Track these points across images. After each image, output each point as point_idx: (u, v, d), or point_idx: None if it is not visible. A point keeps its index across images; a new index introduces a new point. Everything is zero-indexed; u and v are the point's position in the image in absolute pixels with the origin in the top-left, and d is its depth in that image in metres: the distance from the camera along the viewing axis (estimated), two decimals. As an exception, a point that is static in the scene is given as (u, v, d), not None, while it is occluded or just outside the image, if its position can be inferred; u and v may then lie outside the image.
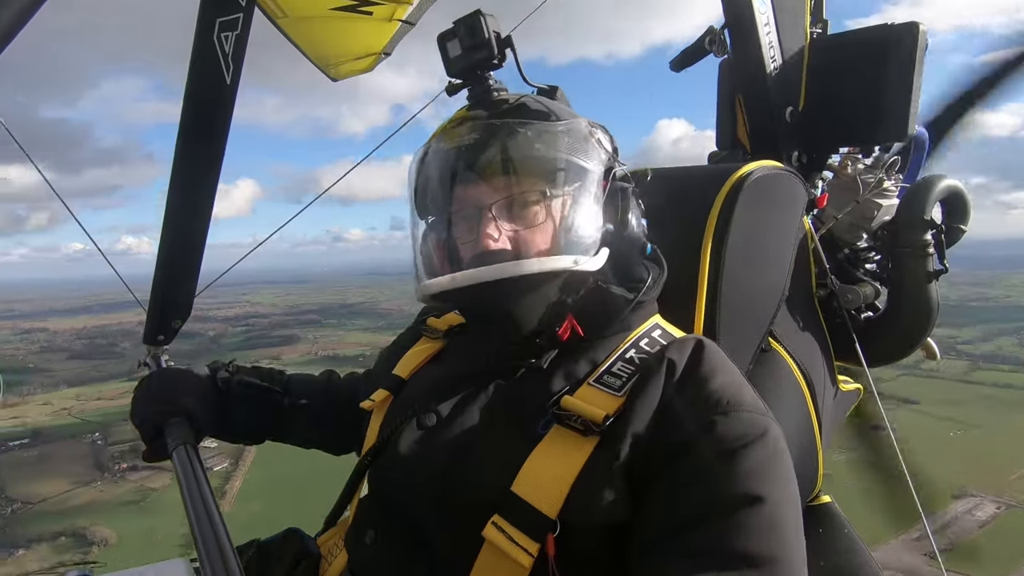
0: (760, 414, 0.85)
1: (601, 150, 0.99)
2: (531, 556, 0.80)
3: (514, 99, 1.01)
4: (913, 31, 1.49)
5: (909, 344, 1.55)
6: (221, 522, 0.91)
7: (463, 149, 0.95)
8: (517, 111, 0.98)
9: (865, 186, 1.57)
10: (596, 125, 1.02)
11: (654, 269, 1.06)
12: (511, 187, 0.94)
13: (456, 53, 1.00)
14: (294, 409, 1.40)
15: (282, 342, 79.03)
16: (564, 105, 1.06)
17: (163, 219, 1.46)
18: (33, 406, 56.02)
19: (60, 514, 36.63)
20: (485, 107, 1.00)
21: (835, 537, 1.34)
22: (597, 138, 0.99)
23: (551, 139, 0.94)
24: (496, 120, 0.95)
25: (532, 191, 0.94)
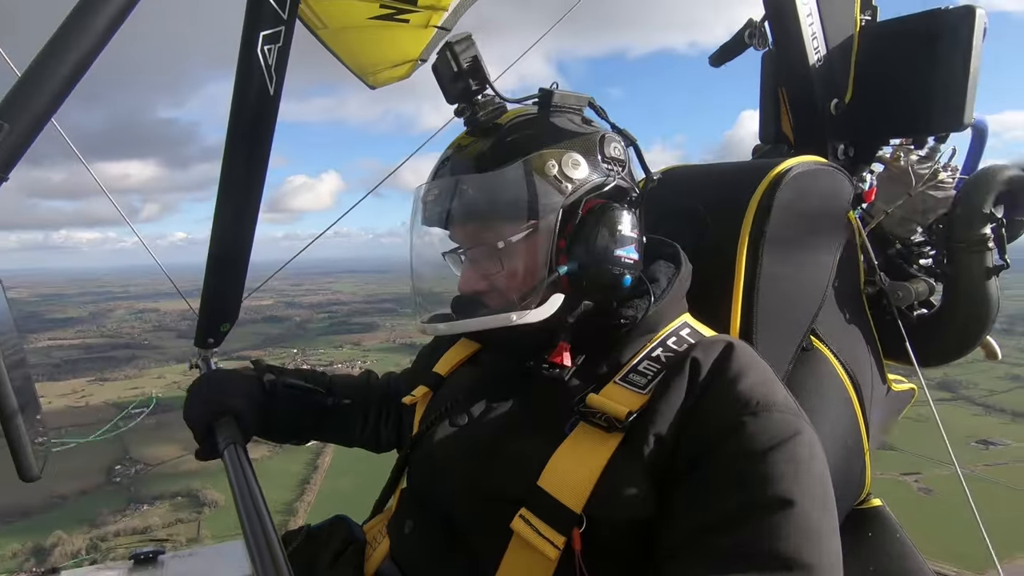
0: (792, 415, 0.84)
1: (565, 182, 0.94)
2: (557, 549, 0.81)
3: (501, 119, 1.02)
4: (970, 15, 1.42)
5: (966, 343, 1.48)
6: (268, 516, 0.95)
7: (432, 202, 1.01)
8: (478, 157, 0.98)
9: (918, 178, 1.50)
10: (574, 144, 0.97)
11: (669, 270, 1.06)
12: (472, 237, 1.01)
13: (445, 83, 1.02)
14: (337, 409, 1.46)
15: (362, 329, 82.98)
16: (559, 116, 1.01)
17: (211, 228, 1.53)
18: (148, 379, 62.24)
19: (176, 476, 40.54)
20: (472, 132, 1.04)
21: (885, 541, 1.30)
22: (555, 173, 0.93)
23: (492, 191, 0.95)
24: (448, 176, 1.00)
25: (482, 242, 0.98)
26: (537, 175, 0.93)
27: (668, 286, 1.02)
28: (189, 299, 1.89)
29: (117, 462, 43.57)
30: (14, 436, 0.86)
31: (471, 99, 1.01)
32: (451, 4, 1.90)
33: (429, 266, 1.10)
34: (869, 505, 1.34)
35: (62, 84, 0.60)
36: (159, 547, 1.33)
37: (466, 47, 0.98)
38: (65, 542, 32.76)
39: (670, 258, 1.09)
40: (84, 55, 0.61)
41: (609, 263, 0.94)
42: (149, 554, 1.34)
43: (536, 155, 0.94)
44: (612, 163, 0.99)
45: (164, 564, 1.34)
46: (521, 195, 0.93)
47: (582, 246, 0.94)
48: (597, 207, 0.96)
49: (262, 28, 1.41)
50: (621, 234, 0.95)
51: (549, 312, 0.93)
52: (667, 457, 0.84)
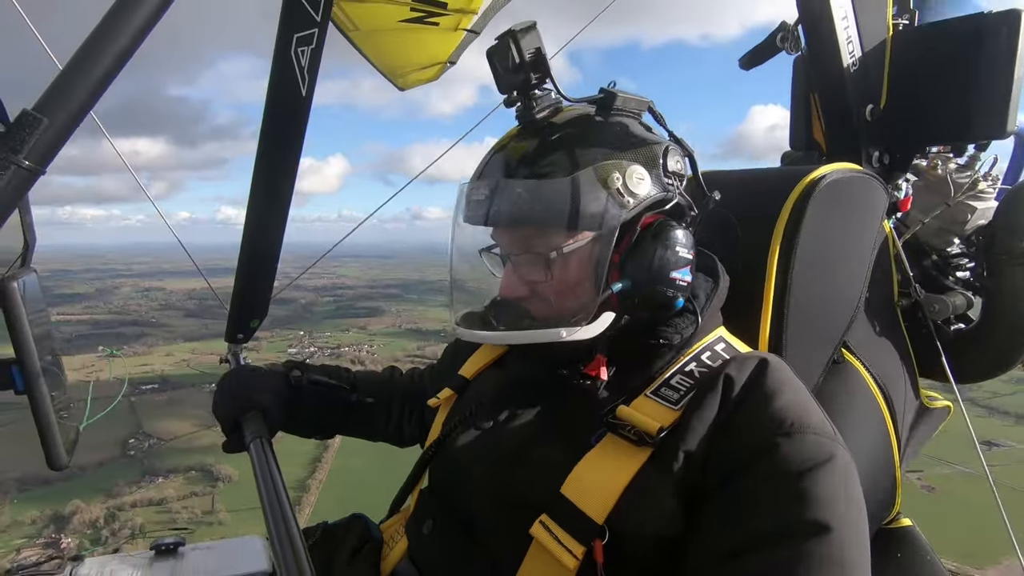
0: (828, 438, 0.81)
1: (627, 196, 0.89)
2: (576, 559, 0.80)
3: (559, 118, 0.97)
4: (1015, 18, 1.38)
5: (1006, 360, 1.42)
6: (291, 509, 0.97)
7: (475, 201, 0.95)
8: (536, 160, 0.93)
9: (957, 187, 1.46)
10: (638, 156, 0.92)
11: (707, 284, 1.03)
12: (521, 243, 0.95)
13: (499, 73, 0.97)
14: (361, 405, 1.47)
15: (368, 313, 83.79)
16: (620, 120, 0.96)
17: (243, 225, 1.56)
18: (157, 356, 63.82)
19: (190, 451, 41.75)
20: (527, 129, 0.98)
21: (914, 562, 1.25)
22: (618, 187, 0.88)
23: (550, 199, 0.89)
24: (501, 175, 0.94)
25: (531, 249, 0.94)
26: (600, 187, 0.88)
27: (707, 302, 1.00)
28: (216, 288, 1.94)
29: (131, 435, 44.80)
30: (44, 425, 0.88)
31: (528, 92, 0.96)
32: (481, 7, 1.91)
33: (469, 263, 1.06)
34: (899, 525, 1.30)
35: (100, 79, 0.62)
36: (179, 538, 1.37)
37: (530, 37, 0.92)
38: (83, 511, 33.96)
39: (708, 271, 1.06)
40: (123, 50, 0.62)
41: (663, 284, 0.91)
42: (170, 545, 1.38)
43: (601, 165, 0.89)
44: (673, 177, 0.94)
45: (184, 556, 1.38)
46: (581, 206, 0.88)
47: (637, 264, 0.90)
48: (656, 224, 0.92)
49: (296, 30, 1.44)
50: (678, 255, 0.91)
51: (600, 330, 0.90)
52: (697, 474, 0.82)
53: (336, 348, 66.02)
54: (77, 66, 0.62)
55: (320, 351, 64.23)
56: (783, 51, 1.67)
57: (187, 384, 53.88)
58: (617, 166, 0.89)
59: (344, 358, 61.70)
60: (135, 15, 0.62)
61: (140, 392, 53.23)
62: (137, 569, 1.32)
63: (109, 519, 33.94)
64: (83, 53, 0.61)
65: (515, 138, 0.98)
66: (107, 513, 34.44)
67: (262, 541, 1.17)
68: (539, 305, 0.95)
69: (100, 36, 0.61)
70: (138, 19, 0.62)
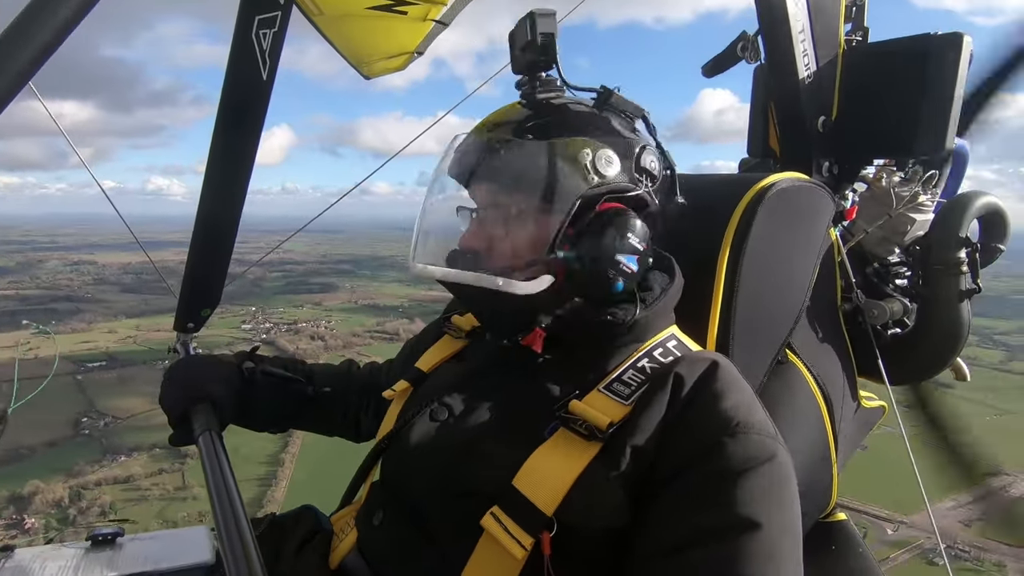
0: (769, 437, 0.85)
1: (593, 174, 0.94)
2: (524, 549, 0.82)
3: (555, 101, 1.02)
4: (957, 42, 1.45)
5: (937, 363, 1.50)
6: (241, 504, 0.96)
7: (463, 154, 1.02)
8: (520, 124, 0.99)
9: (899, 199, 1.53)
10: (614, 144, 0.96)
11: (662, 279, 1.06)
12: (489, 197, 1.01)
13: (516, 51, 1.03)
14: (317, 398, 1.45)
15: (321, 289, 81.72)
16: (610, 116, 1.02)
17: (196, 212, 1.51)
18: (98, 333, 60.42)
19: (150, 429, 39.36)
20: (528, 105, 1.04)
21: (848, 555, 1.32)
22: (587, 162, 0.94)
23: (522, 159, 0.96)
24: (490, 134, 1.01)
25: (497, 205, 1.00)
26: (568, 158, 0.94)
27: (661, 295, 1.03)
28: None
29: (83, 415, 42.74)
30: None
31: (534, 74, 1.02)
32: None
33: (440, 217, 1.09)
34: (834, 519, 1.36)
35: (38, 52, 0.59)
36: (118, 528, 1.31)
37: (546, 22, 0.98)
38: (44, 491, 32.54)
39: (665, 269, 1.09)
40: (63, 23, 0.60)
41: (607, 263, 0.94)
42: (108, 535, 1.33)
43: (574, 139, 0.95)
44: (644, 175, 0.99)
45: (122, 546, 1.32)
46: (547, 172, 0.94)
47: (588, 239, 0.94)
48: (614, 209, 0.96)
49: (258, 12, 1.40)
50: (627, 241, 0.95)
51: (534, 289, 0.93)
52: (645, 469, 0.84)
53: (293, 324, 64.28)
54: (12, 36, 0.59)
55: (276, 327, 62.59)
56: (743, 60, 1.72)
57: (137, 361, 51.55)
58: (590, 145, 0.94)
59: (303, 334, 60.27)
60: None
61: (87, 370, 50.86)
62: (71, 560, 1.26)
63: (75, 498, 32.81)
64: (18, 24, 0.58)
65: (509, 108, 1.04)
66: (72, 492, 33.21)
67: (207, 531, 1.13)
68: (491, 258, 0.99)
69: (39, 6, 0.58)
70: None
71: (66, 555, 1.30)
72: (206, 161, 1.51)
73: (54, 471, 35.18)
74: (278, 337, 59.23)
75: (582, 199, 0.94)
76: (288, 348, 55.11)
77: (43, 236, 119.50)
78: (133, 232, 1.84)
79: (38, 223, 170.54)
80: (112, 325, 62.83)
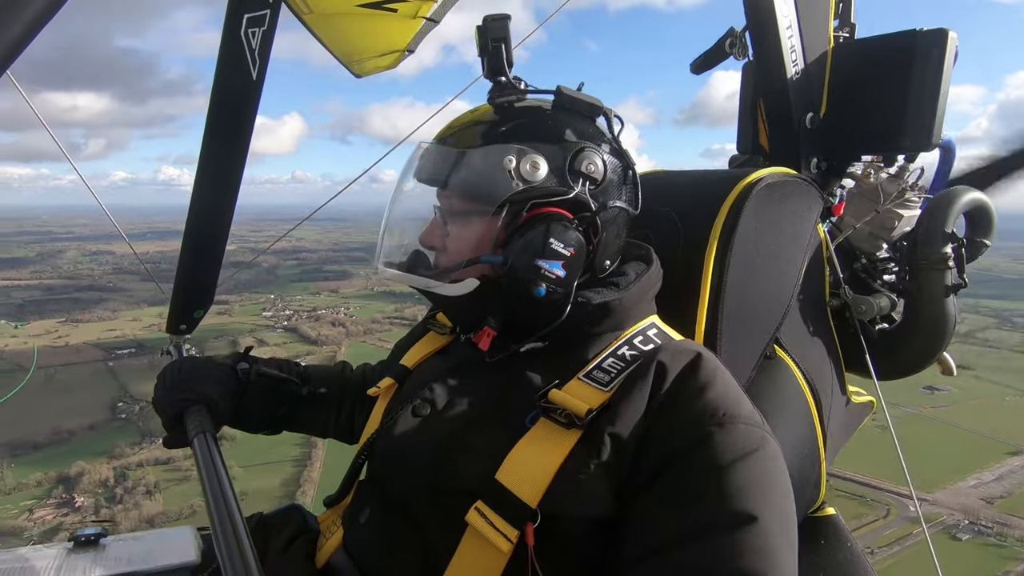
0: (757, 427, 0.85)
1: (516, 180, 0.95)
2: (510, 542, 0.82)
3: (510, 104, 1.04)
4: (942, 38, 1.46)
5: (924, 358, 1.51)
6: (237, 506, 0.95)
7: (417, 157, 1.08)
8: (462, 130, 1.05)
9: (887, 195, 1.53)
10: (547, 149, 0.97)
11: (638, 267, 1.06)
12: (440, 200, 1.07)
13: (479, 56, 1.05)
14: (312, 399, 1.45)
15: (336, 276, 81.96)
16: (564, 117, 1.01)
17: (187, 213, 1.50)
18: (123, 321, 61.28)
19: None
20: (493, 107, 1.06)
21: (837, 549, 1.32)
22: (511, 168, 0.95)
23: (456, 164, 1.00)
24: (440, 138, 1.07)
25: (442, 206, 1.06)
26: (494, 165, 0.96)
27: (636, 279, 1.03)
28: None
29: (118, 399, 44.10)
30: None
31: (495, 78, 1.04)
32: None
33: (401, 216, 1.14)
34: (823, 514, 1.37)
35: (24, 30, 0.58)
36: (102, 529, 1.30)
37: (497, 27, 1.01)
38: (90, 472, 34.47)
39: (642, 259, 1.09)
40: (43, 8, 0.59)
41: (525, 269, 0.94)
42: (91, 536, 1.31)
43: (502, 146, 0.97)
44: (580, 177, 0.97)
45: (106, 548, 1.30)
46: (475, 177, 0.98)
47: (513, 244, 0.96)
48: (542, 214, 0.96)
49: (246, 10, 1.39)
50: (550, 246, 0.94)
51: (456, 291, 0.98)
52: (629, 461, 0.84)
53: (313, 311, 64.60)
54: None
55: (296, 314, 63.13)
56: (731, 56, 1.72)
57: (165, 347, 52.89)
58: (516, 150, 0.96)
59: (324, 321, 60.89)
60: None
61: (117, 357, 51.74)
62: (52, 561, 1.25)
63: (120, 478, 34.28)
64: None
65: (475, 109, 1.08)
66: (116, 473, 34.70)
67: (192, 531, 1.12)
68: (437, 259, 1.07)
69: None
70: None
71: (48, 556, 1.28)
72: (197, 161, 1.50)
73: (97, 453, 36.49)
74: (300, 324, 59.95)
75: (508, 204, 0.96)
76: (311, 335, 56.21)
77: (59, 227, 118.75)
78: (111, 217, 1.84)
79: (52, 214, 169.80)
80: (136, 313, 63.24)
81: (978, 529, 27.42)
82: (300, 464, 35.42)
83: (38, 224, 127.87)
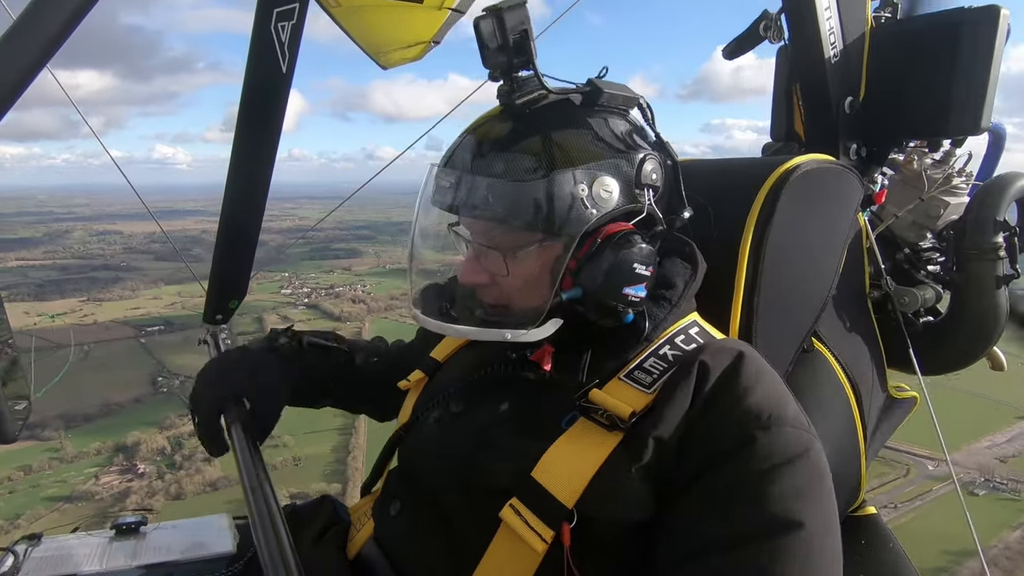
0: (803, 430, 0.82)
1: (592, 208, 0.88)
2: (545, 542, 0.80)
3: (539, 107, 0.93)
4: (992, 15, 1.38)
5: (971, 353, 1.45)
6: (275, 499, 0.97)
7: (443, 187, 0.95)
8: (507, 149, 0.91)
9: (931, 182, 1.47)
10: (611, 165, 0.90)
11: (686, 271, 1.03)
12: (484, 233, 0.96)
13: (485, 49, 0.92)
14: (364, 368, 1.40)
15: (348, 255, 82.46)
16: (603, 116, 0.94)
17: (222, 205, 1.53)
18: (144, 299, 62.76)
19: None
20: (505, 114, 0.97)
21: (878, 549, 1.28)
22: (583, 197, 0.88)
23: (516, 195, 0.88)
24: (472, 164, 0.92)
25: (493, 242, 0.94)
26: (567, 193, 0.88)
27: (685, 289, 1.00)
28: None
29: (157, 374, 45.30)
30: None
31: (510, 74, 0.92)
32: (466, -14, 1.87)
33: (431, 244, 1.08)
34: (864, 513, 1.33)
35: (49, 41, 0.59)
36: (142, 517, 1.34)
37: (516, 16, 0.87)
38: (146, 441, 36.17)
39: (686, 258, 1.05)
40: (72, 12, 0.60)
41: (614, 298, 0.90)
42: (131, 524, 1.35)
43: (570, 171, 0.88)
44: (645, 189, 0.93)
45: (146, 535, 1.34)
46: (545, 208, 0.87)
47: (592, 273, 0.89)
48: (618, 236, 0.91)
49: (276, 5, 1.40)
50: (635, 271, 0.90)
51: (544, 335, 0.91)
52: (670, 463, 0.82)
53: (331, 288, 65.22)
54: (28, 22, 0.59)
55: (314, 292, 63.98)
56: (766, 40, 1.67)
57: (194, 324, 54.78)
58: (587, 174, 0.88)
59: (343, 298, 61.74)
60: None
61: (148, 334, 53.23)
62: (95, 548, 1.29)
63: (175, 446, 35.93)
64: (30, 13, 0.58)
65: (491, 122, 0.96)
66: (172, 441, 36.42)
67: (228, 520, 1.15)
68: (493, 295, 0.97)
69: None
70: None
71: (91, 544, 1.32)
72: (229, 156, 1.52)
73: (148, 424, 38.15)
74: (320, 301, 60.95)
75: (583, 234, 0.89)
76: (333, 311, 57.23)
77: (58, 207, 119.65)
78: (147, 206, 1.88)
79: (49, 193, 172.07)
80: (155, 292, 64.72)
81: (993, 485, 30.22)
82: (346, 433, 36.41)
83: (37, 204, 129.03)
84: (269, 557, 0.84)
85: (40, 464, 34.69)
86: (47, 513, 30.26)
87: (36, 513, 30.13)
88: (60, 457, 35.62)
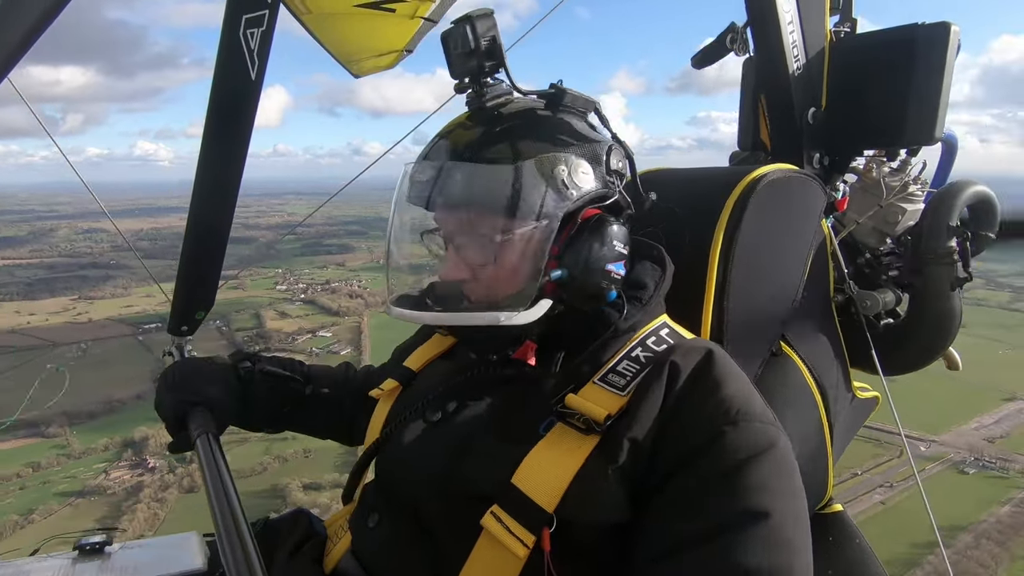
0: (770, 425, 0.85)
1: (571, 189, 0.92)
2: (526, 547, 0.81)
3: (508, 109, 0.98)
4: (944, 31, 1.45)
5: (930, 353, 1.51)
6: (240, 508, 0.94)
7: (421, 183, 0.97)
8: (482, 143, 0.95)
9: (889, 190, 1.53)
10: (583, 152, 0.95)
11: (655, 272, 1.06)
12: (465, 225, 0.96)
13: (452, 57, 0.98)
14: (315, 398, 1.43)
15: (339, 250, 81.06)
16: (567, 117, 0.99)
17: (188, 214, 1.49)
18: (138, 297, 60.29)
19: None
20: (475, 116, 1.00)
21: (845, 546, 1.32)
22: (563, 178, 0.92)
23: (496, 183, 0.92)
24: (450, 159, 0.95)
25: (475, 232, 0.95)
26: (546, 177, 0.91)
27: (655, 290, 1.03)
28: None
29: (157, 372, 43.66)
30: None
31: (480, 79, 0.98)
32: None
33: (408, 245, 1.08)
34: (831, 510, 1.36)
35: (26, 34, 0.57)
36: (107, 537, 1.29)
37: (487, 24, 0.94)
38: (154, 436, 34.42)
39: (655, 260, 1.08)
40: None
41: (598, 276, 0.94)
42: (96, 544, 1.30)
43: (548, 156, 0.92)
44: (614, 176, 0.98)
45: (111, 555, 1.29)
46: (527, 194, 0.90)
47: (575, 254, 0.93)
48: (594, 218, 0.96)
49: (245, 11, 1.38)
50: (614, 249, 0.95)
51: (537, 315, 0.93)
52: (644, 463, 0.83)
53: (326, 284, 64.19)
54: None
55: (310, 287, 62.98)
56: (732, 52, 1.72)
57: None
58: (564, 159, 0.92)
59: (340, 293, 60.69)
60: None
61: (145, 331, 51.66)
62: (57, 571, 1.23)
63: None
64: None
65: (463, 124, 1.00)
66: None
67: (198, 538, 1.11)
68: (478, 288, 0.97)
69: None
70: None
71: (52, 567, 1.26)
72: (196, 162, 1.49)
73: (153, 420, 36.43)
74: (317, 297, 59.78)
75: (563, 217, 0.93)
76: (331, 306, 56.22)
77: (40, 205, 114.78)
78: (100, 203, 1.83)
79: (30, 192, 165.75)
80: (148, 290, 62.30)
81: (982, 464, 31.50)
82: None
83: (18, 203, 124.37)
84: (236, 572, 0.82)
85: (48, 461, 34.40)
86: (60, 508, 30.06)
87: (49, 508, 29.90)
88: (67, 453, 35.33)
